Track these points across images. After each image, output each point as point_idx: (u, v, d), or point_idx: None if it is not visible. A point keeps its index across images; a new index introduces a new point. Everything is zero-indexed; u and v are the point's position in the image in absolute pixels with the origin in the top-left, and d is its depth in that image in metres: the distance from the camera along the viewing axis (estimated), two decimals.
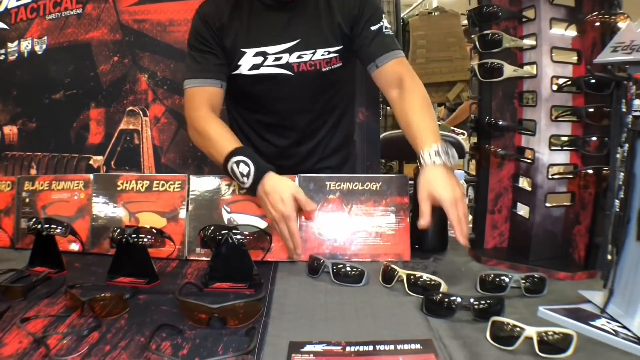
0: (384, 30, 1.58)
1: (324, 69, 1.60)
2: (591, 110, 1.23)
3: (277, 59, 1.58)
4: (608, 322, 0.99)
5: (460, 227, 1.23)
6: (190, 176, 1.46)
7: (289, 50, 1.58)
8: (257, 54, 1.58)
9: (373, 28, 1.57)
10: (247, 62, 1.58)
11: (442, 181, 1.26)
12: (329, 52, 1.59)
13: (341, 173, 1.68)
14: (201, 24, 1.58)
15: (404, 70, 1.54)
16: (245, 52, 1.58)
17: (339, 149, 1.80)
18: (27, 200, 1.54)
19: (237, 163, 1.38)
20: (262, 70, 1.59)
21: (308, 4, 1.58)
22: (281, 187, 1.35)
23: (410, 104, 1.46)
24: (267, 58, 1.58)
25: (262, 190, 1.36)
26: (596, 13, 1.26)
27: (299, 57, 1.58)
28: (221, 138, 1.48)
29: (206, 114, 1.54)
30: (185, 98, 1.60)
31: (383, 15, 1.61)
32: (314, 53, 1.58)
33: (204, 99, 1.56)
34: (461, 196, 1.26)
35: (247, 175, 1.37)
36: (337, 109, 1.75)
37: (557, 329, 0.92)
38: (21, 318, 1.03)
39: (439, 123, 5.46)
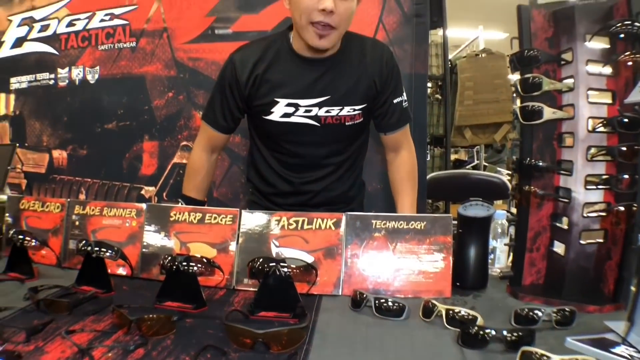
0: (404, 104, 1.81)
1: (347, 123, 1.73)
2: (623, 148, 1.26)
3: (307, 111, 1.70)
4: (627, 349, 1.03)
5: None
6: (242, 211, 1.50)
7: (319, 105, 1.70)
8: (289, 105, 1.70)
9: (396, 101, 1.77)
10: (279, 111, 1.71)
11: None
12: (354, 110, 1.72)
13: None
14: (230, 74, 1.72)
15: (404, 139, 1.87)
16: (278, 102, 1.70)
17: (349, 190, 1.90)
18: (77, 223, 1.59)
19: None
20: (292, 119, 1.71)
21: (343, 58, 1.69)
22: None
23: (400, 172, 1.87)
24: (298, 109, 1.70)
25: None
26: (628, 53, 1.28)
27: (327, 111, 1.71)
28: (187, 179, 1.88)
29: (195, 152, 1.88)
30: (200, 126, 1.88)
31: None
32: (341, 109, 1.71)
33: (206, 138, 1.86)
34: None
35: None
36: (351, 155, 1.85)
37: (579, 357, 0.95)
38: (66, 330, 1.06)
39: (485, 164, 5.47)
